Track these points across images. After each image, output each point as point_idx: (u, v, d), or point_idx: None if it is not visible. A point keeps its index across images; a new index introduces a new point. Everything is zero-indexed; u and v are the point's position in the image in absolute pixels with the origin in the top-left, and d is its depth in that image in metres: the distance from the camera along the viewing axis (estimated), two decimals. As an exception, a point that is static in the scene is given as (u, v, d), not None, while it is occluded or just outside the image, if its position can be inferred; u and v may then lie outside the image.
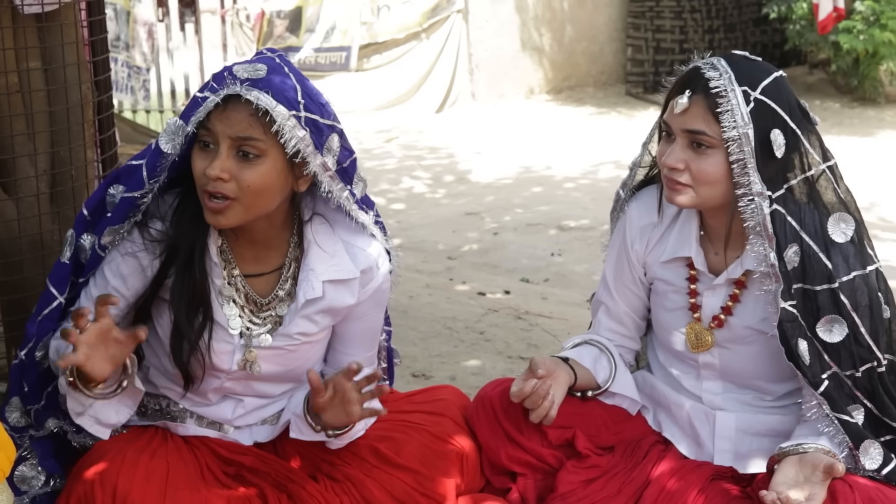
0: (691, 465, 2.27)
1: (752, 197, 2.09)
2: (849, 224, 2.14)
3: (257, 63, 2.06)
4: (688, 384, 2.34)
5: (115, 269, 2.15)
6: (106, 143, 2.95)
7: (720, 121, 2.09)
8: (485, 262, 5.80)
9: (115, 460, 2.08)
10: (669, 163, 2.15)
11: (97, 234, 2.14)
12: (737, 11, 11.86)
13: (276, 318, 2.21)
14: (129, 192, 2.11)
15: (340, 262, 2.20)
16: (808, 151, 2.15)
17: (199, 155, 2.05)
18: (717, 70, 2.12)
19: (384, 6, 10.19)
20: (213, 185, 2.02)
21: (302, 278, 2.18)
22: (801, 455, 2.06)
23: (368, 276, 2.23)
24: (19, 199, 2.66)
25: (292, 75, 2.08)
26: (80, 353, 1.92)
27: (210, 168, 2.01)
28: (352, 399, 2.08)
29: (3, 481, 1.78)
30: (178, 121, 2.07)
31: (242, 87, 2.01)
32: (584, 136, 9.38)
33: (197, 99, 2.07)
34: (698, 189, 2.14)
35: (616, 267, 2.41)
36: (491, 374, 3.60)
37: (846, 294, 2.10)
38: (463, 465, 2.27)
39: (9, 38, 2.58)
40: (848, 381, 2.13)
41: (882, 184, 7.23)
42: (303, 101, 2.05)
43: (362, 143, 9.07)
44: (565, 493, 2.21)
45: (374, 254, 2.23)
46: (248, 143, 2.03)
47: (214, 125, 2.02)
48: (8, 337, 2.81)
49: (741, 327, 2.24)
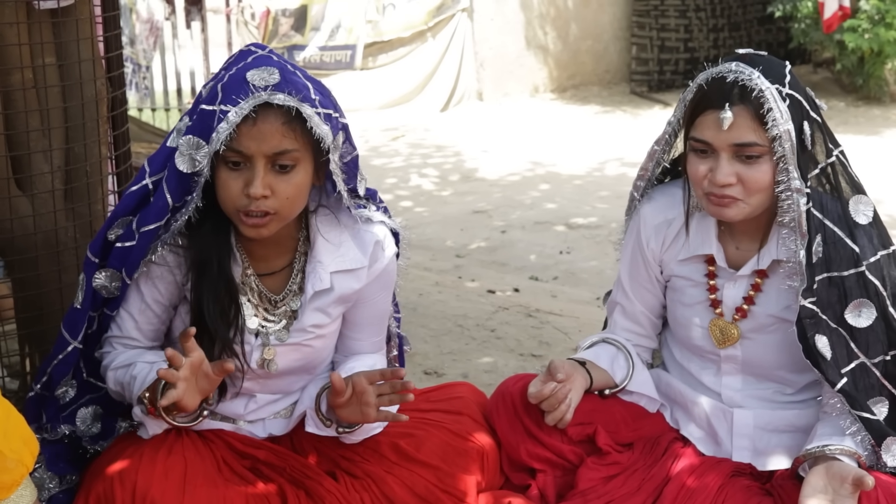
0: (711, 461, 2.26)
1: (791, 193, 2.08)
2: (867, 206, 2.15)
3: (265, 67, 2.00)
4: (707, 380, 2.33)
5: (149, 284, 2.14)
6: (119, 140, 2.93)
7: (764, 122, 2.06)
8: (493, 259, 5.79)
9: (134, 457, 2.07)
10: (721, 180, 2.09)
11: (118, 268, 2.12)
12: (742, 10, 11.86)
13: (290, 312, 2.21)
14: (153, 223, 2.07)
15: (347, 251, 2.20)
16: (825, 139, 2.15)
17: (228, 175, 2.02)
18: (744, 73, 2.08)
19: (389, 4, 10.18)
20: (256, 205, 2.00)
21: (309, 270, 2.18)
22: (829, 464, 2.03)
23: (374, 259, 2.23)
24: (34, 195, 2.64)
25: (298, 72, 2.06)
26: (179, 390, 1.96)
27: (252, 188, 1.99)
28: (369, 401, 2.08)
29: (27, 476, 1.78)
30: (192, 137, 2.01)
31: (268, 94, 1.97)
32: (589, 134, 9.38)
33: (210, 114, 2.00)
34: (749, 199, 2.11)
35: (631, 267, 2.40)
36: (504, 371, 3.59)
37: (875, 274, 2.10)
38: (483, 463, 2.26)
39: (24, 33, 2.57)
40: (876, 369, 2.11)
41: (887, 182, 7.22)
42: (317, 97, 2.03)
43: (369, 141, 9.08)
44: (585, 489, 2.21)
45: (379, 235, 2.23)
46: (283, 156, 2.00)
47: (246, 144, 1.98)
48: (21, 334, 2.80)
49: (764, 316, 2.23)
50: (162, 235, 2.09)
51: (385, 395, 2.09)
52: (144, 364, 2.12)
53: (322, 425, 2.19)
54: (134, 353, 2.18)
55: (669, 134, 2.29)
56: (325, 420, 2.18)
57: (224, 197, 2.03)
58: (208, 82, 2.10)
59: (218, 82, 2.03)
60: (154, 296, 2.15)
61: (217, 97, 2.00)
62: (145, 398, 2.05)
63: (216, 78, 2.06)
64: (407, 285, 4.77)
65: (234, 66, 2.04)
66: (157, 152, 2.11)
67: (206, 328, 2.09)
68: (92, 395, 2.25)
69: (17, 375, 2.91)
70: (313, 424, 2.20)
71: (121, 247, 2.11)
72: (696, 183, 2.17)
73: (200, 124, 2.02)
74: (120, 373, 2.15)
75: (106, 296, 2.16)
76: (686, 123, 2.18)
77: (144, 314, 2.17)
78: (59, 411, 2.23)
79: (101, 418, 2.24)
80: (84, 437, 2.21)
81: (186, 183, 2.04)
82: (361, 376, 2.09)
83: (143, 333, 2.20)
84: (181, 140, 2.03)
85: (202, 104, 2.03)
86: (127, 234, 2.11)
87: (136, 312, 2.17)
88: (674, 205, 2.31)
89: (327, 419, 2.18)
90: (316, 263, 2.18)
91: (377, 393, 2.08)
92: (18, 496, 1.80)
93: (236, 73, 2.00)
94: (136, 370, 2.11)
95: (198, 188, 2.03)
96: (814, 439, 2.11)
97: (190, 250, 2.11)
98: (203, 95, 2.06)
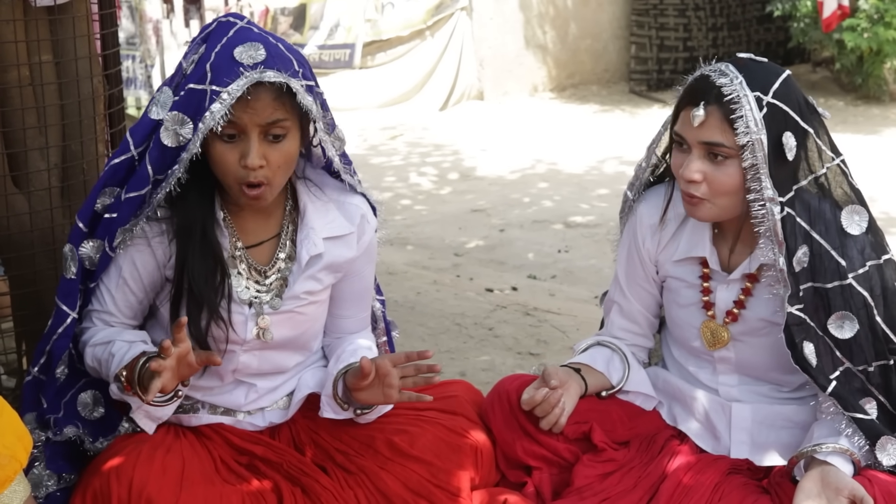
0: (707, 458, 2.26)
1: (764, 202, 2.09)
2: (862, 216, 2.15)
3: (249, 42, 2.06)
4: (704, 378, 2.34)
5: (128, 259, 2.17)
6: (117, 137, 2.93)
7: (734, 128, 2.08)
8: (491, 258, 5.79)
9: (131, 455, 2.08)
10: (687, 175, 2.14)
11: (102, 238, 2.16)
12: (741, 9, 11.85)
13: (281, 281, 2.24)
14: (134, 192, 2.12)
15: (335, 219, 2.26)
16: (820, 148, 2.15)
17: (224, 149, 2.08)
18: (727, 76, 2.10)
19: (388, 3, 10.17)
20: (255, 175, 2.07)
21: (302, 237, 2.23)
22: (825, 471, 2.03)
23: (361, 231, 2.29)
24: (30, 192, 2.64)
25: (279, 43, 2.12)
26: (164, 378, 2.00)
27: (249, 159, 2.06)
28: (392, 383, 2.14)
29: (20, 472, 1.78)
30: (178, 114, 2.07)
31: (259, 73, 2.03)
32: (588, 133, 9.37)
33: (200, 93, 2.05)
34: (716, 201, 2.14)
35: (628, 266, 2.40)
36: (501, 369, 3.59)
37: (862, 285, 2.10)
38: (478, 459, 2.27)
39: (20, 30, 2.57)
40: (860, 374, 2.12)
41: (886, 181, 7.22)
42: (301, 69, 2.10)
43: (367, 139, 9.07)
44: (581, 486, 2.21)
45: (363, 208, 2.29)
46: (276, 126, 2.08)
47: (240, 118, 2.05)
48: (18, 331, 2.80)
49: (755, 320, 2.24)
50: (143, 207, 2.13)
51: (409, 377, 2.16)
52: (123, 343, 2.15)
53: (339, 409, 2.24)
54: (113, 330, 2.21)
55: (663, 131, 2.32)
56: (342, 404, 2.23)
57: (223, 170, 2.10)
58: (189, 54, 2.15)
59: (205, 61, 2.07)
60: (132, 273, 2.18)
61: (206, 77, 2.05)
62: (122, 376, 2.08)
63: (200, 55, 2.10)
64: (405, 283, 4.78)
65: (216, 41, 2.09)
66: (139, 124, 2.15)
67: (192, 296, 2.14)
68: (86, 378, 2.26)
69: (14, 373, 2.91)
70: (329, 409, 2.25)
71: (108, 217, 2.15)
72: (677, 177, 2.20)
73: (188, 101, 2.07)
74: (98, 349, 2.17)
75: (88, 267, 2.20)
76: (673, 117, 2.21)
77: (121, 290, 2.20)
78: (59, 396, 2.22)
79: (101, 402, 2.25)
80: (86, 431, 2.20)
81: (169, 157, 2.09)
82: (385, 359, 2.15)
83: (120, 310, 2.22)
84: (167, 115, 2.09)
85: (190, 83, 2.07)
86: (114, 205, 2.15)
87: (114, 288, 2.20)
88: (672, 204, 2.32)
89: (344, 402, 2.23)
90: (308, 230, 2.23)
91: (401, 375, 2.14)
92: (12, 492, 1.79)
93: (222, 51, 2.06)
94: (114, 348, 2.14)
95: (181, 162, 2.08)
96: (810, 440, 2.11)
97: (173, 220, 2.15)
98: (188, 72, 2.11)
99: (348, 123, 9.22)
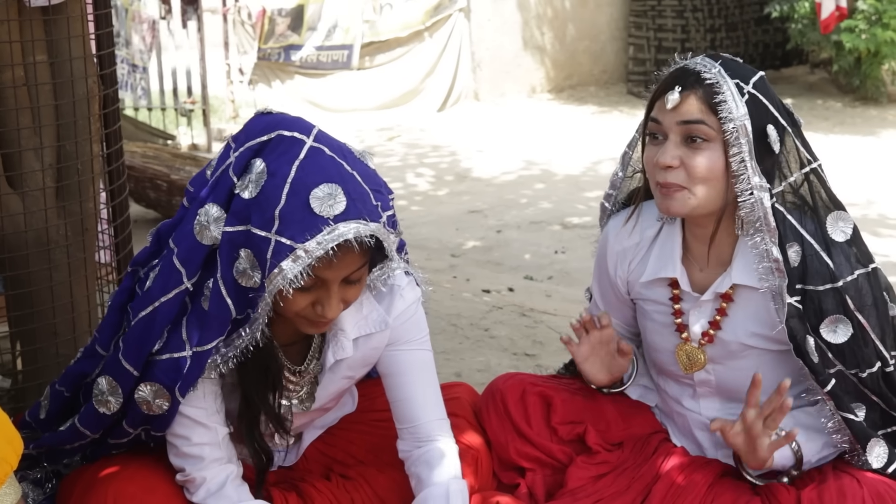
0: (700, 460, 2.25)
1: (752, 191, 2.03)
2: (847, 222, 2.10)
3: (325, 184, 1.81)
4: (686, 403, 2.29)
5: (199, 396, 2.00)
6: (111, 138, 2.93)
7: (717, 112, 2.03)
8: (488, 259, 5.79)
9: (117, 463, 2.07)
10: (663, 160, 2.06)
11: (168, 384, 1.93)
12: (739, 10, 11.84)
13: (312, 379, 2.15)
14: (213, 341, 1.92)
15: (370, 313, 2.09)
16: (799, 150, 2.10)
17: (297, 294, 1.85)
18: (705, 65, 2.07)
19: (386, 4, 10.16)
20: (325, 319, 1.92)
21: (330, 337, 2.08)
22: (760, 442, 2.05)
23: (393, 309, 2.11)
24: (25, 193, 2.64)
25: (355, 171, 1.89)
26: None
27: (328, 311, 1.89)
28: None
29: (10, 475, 1.77)
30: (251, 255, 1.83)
31: (343, 227, 1.81)
32: (585, 134, 9.37)
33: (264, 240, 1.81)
34: (694, 189, 2.06)
35: (600, 286, 2.38)
36: (497, 370, 3.59)
37: (851, 294, 2.06)
38: (477, 466, 2.23)
39: (15, 31, 2.56)
40: (853, 378, 2.11)
41: (884, 182, 7.22)
42: (378, 203, 1.93)
43: (364, 140, 9.07)
44: (575, 488, 2.20)
45: (400, 283, 2.12)
46: (356, 273, 1.90)
47: (321, 272, 1.84)
48: (12, 332, 2.80)
49: (731, 342, 2.18)
50: (221, 350, 1.94)
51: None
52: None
53: None
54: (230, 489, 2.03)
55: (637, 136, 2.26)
56: None
57: (290, 309, 1.90)
58: (236, 165, 1.88)
59: (272, 203, 1.81)
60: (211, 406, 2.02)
61: (272, 224, 1.80)
62: None
63: (258, 182, 1.84)
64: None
65: (282, 166, 1.83)
66: (188, 249, 1.90)
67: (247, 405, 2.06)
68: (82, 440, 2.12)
69: (9, 374, 2.91)
70: None
71: (168, 358, 1.92)
72: (649, 171, 2.13)
73: (250, 246, 1.84)
74: None
75: (146, 412, 1.96)
76: (647, 110, 2.14)
77: (212, 418, 2.02)
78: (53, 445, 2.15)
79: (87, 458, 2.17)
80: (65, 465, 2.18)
81: (245, 295, 1.88)
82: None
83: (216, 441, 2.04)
84: (242, 254, 1.84)
85: (254, 227, 1.82)
86: (175, 345, 1.92)
87: (204, 418, 2.01)
88: (640, 227, 2.26)
89: None
90: (338, 331, 2.07)
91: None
92: (3, 494, 1.79)
93: (294, 195, 1.80)
94: None
95: (262, 304, 1.86)
96: None
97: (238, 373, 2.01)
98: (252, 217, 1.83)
99: (346, 125, 9.23)
